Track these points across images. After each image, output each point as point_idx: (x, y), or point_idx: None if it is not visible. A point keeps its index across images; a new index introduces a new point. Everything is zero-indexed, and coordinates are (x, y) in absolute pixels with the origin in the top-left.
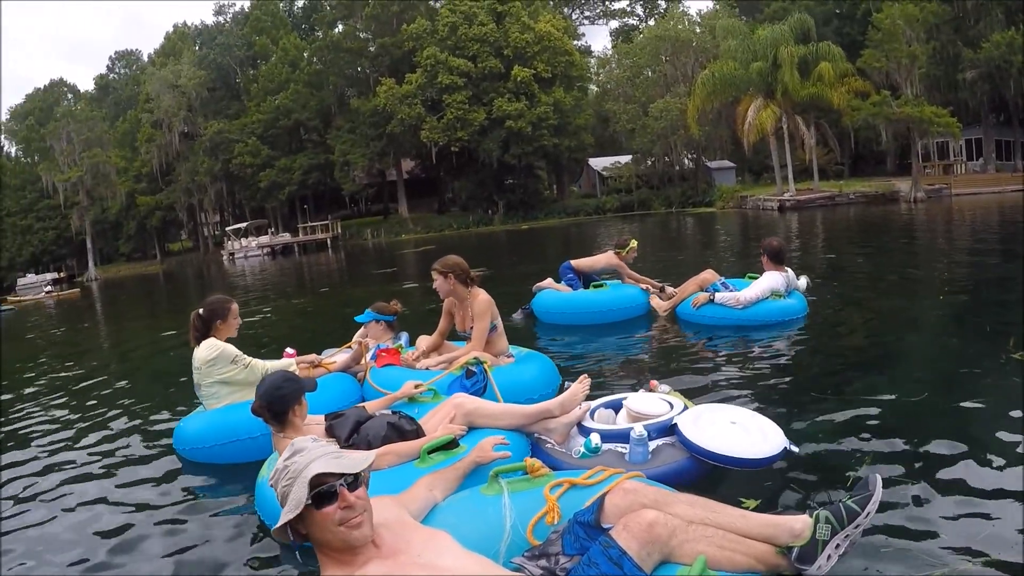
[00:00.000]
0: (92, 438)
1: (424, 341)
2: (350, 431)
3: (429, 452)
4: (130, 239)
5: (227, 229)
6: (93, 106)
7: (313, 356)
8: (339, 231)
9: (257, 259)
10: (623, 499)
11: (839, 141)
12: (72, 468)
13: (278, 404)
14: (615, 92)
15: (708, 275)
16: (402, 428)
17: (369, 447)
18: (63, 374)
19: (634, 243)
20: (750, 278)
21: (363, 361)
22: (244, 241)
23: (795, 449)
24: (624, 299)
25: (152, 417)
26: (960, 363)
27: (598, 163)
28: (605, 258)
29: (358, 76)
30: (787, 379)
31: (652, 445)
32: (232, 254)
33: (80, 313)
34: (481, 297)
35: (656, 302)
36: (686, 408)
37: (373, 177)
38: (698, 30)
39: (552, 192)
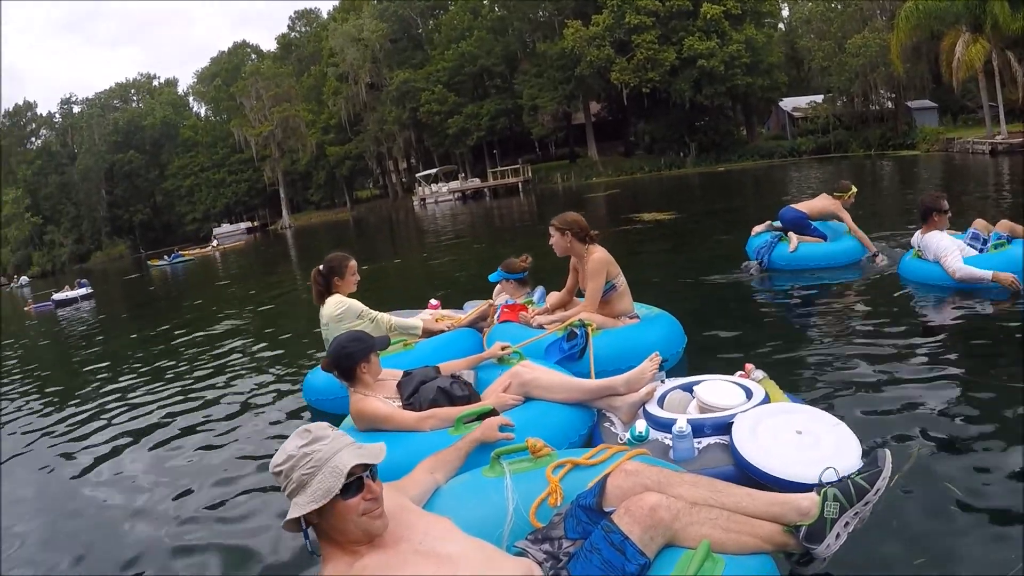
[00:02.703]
0: (239, 380)
1: (553, 297)
2: (411, 391)
3: (465, 421)
4: (320, 188)
5: (417, 176)
6: (278, 64)
7: (447, 317)
8: (530, 175)
9: (448, 204)
10: (625, 481)
11: None
12: (212, 403)
13: (344, 361)
14: (807, 28)
15: (978, 224)
16: (452, 393)
17: (420, 408)
18: (239, 320)
19: (854, 188)
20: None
21: (490, 318)
22: (435, 187)
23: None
24: (855, 249)
25: (297, 364)
26: None
27: (787, 103)
28: (830, 204)
29: (541, 20)
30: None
31: (705, 442)
32: (423, 200)
33: (255, 260)
34: (596, 256)
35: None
36: (763, 402)
37: (558, 121)
38: None
39: (741, 134)
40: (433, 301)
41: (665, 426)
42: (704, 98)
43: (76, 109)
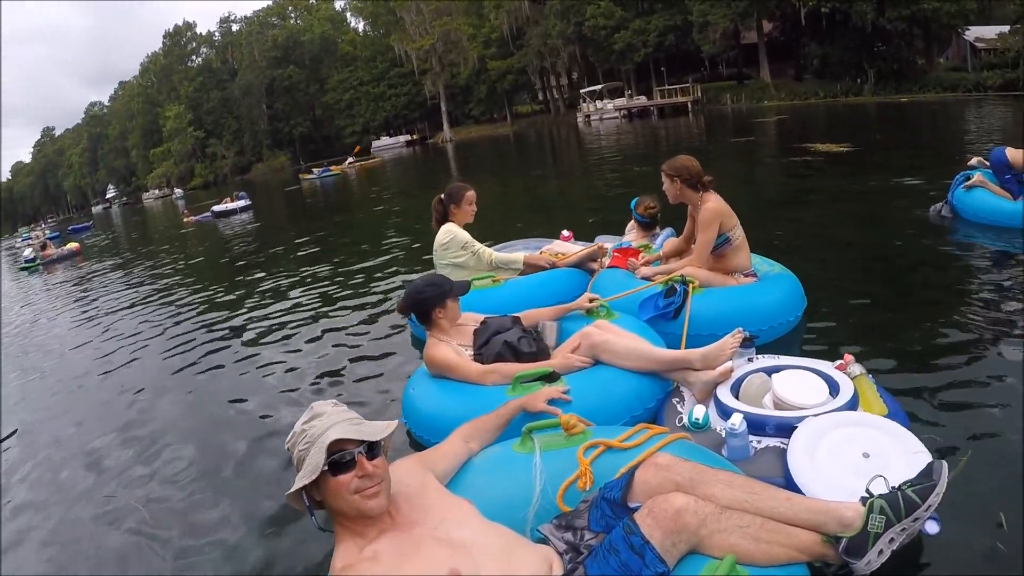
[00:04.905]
0: (354, 291)
1: (670, 245)
2: (483, 341)
3: (524, 381)
4: (480, 102)
5: (581, 92)
6: None
7: (559, 253)
8: (699, 95)
9: (613, 121)
10: (654, 476)
11: None
12: (321, 309)
13: (419, 306)
14: None
15: None
16: (519, 349)
17: (487, 361)
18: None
19: None
20: None
21: (600, 260)
22: (600, 103)
23: (932, 530)
24: None
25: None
26: None
27: (970, 33)
28: None
29: None
30: None
31: (765, 442)
32: (588, 116)
33: (402, 176)
34: (708, 205)
35: None
36: (847, 405)
37: (726, 40)
38: None
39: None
40: (565, 232)
41: (728, 415)
42: (887, 21)
43: (235, 28)
